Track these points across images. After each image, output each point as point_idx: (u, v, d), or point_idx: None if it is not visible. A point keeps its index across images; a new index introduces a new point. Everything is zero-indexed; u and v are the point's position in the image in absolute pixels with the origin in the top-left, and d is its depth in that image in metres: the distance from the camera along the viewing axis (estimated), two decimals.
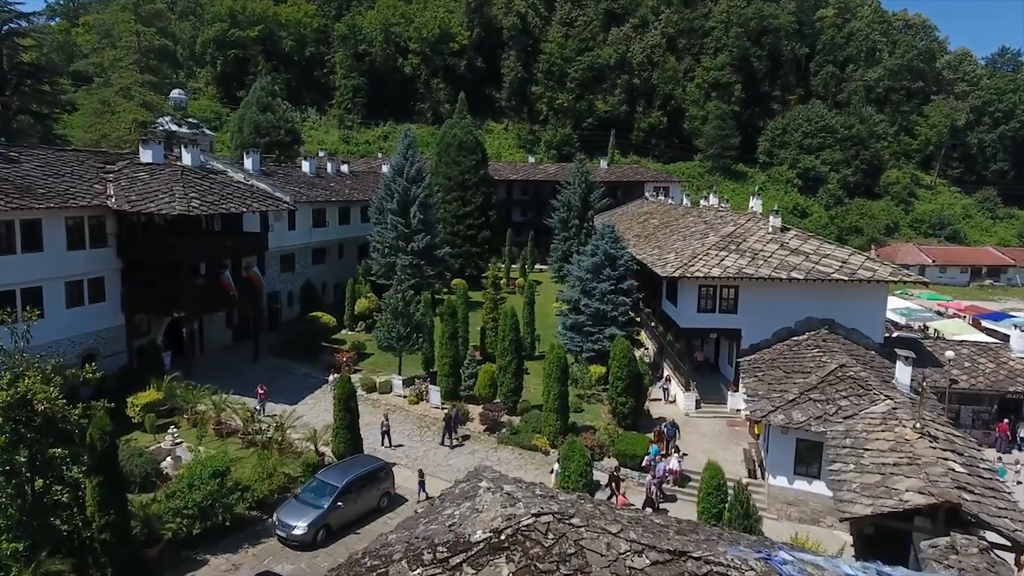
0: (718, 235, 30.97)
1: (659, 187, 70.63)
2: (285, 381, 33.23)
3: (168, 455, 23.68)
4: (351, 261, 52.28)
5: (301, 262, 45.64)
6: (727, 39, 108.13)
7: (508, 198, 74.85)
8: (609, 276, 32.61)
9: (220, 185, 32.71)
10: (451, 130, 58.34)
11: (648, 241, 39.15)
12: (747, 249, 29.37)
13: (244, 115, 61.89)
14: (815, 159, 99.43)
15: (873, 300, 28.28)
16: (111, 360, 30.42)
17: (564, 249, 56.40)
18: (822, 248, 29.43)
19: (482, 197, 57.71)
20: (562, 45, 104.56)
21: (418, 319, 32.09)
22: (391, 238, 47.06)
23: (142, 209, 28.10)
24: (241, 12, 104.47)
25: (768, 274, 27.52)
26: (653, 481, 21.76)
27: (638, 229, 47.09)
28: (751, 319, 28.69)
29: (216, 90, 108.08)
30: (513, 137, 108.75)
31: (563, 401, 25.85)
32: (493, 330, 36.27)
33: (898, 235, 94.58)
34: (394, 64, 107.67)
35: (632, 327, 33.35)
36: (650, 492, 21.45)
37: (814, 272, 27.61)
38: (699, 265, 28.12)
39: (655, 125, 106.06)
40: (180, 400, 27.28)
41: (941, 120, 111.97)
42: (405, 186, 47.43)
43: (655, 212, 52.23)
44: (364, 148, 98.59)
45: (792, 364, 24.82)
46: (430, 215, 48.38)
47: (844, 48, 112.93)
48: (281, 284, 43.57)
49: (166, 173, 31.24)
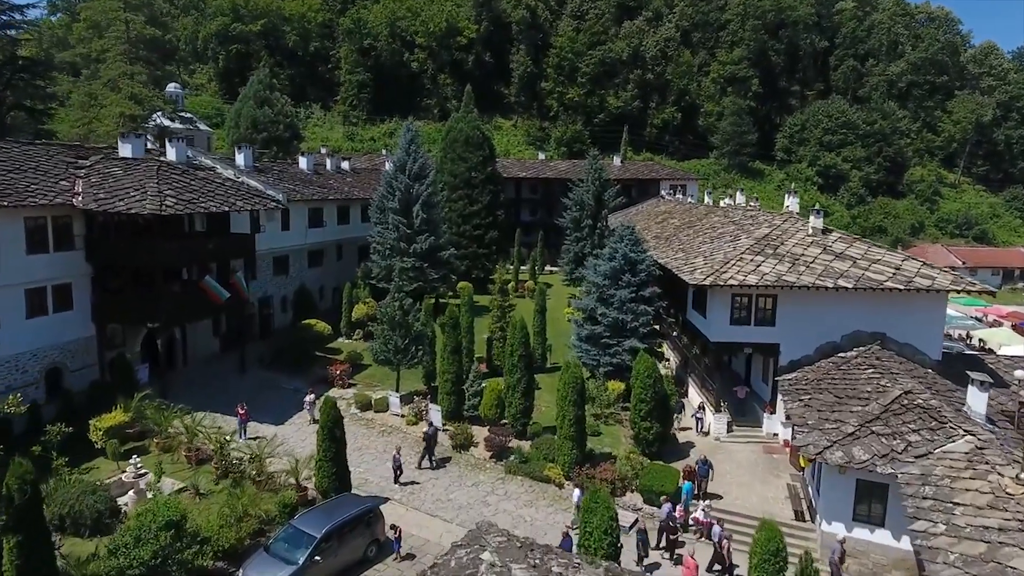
0: (752, 238, 27.75)
1: (675, 185, 67.30)
2: (272, 397, 30.31)
3: (130, 488, 20.78)
4: (350, 263, 49.35)
5: (296, 265, 42.73)
6: (743, 32, 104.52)
7: (517, 197, 71.73)
8: (629, 283, 29.47)
9: (202, 182, 29.80)
10: (457, 125, 55.30)
11: (669, 243, 35.95)
12: (786, 253, 26.14)
13: (241, 110, 59.19)
14: (836, 156, 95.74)
15: (930, 311, 24.99)
16: (80, 375, 27.62)
17: (576, 251, 53.13)
18: (871, 252, 26.15)
19: (489, 195, 54.65)
20: (573, 39, 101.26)
21: (418, 330, 29.07)
22: (392, 239, 44.05)
23: (109, 208, 25.21)
24: (244, 6, 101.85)
25: (812, 282, 24.29)
26: (724, 533, 18.40)
27: (657, 230, 43.88)
28: (791, 332, 25.47)
29: (218, 86, 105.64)
30: (522, 134, 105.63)
31: (579, 427, 22.77)
32: (501, 340, 33.32)
33: (923, 235, 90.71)
34: (400, 59, 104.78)
35: (654, 339, 30.21)
36: (719, 546, 18.09)
37: (864, 280, 24.36)
38: (732, 271, 24.93)
39: (669, 121, 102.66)
40: (150, 422, 24.37)
41: (966, 116, 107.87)
42: (407, 184, 44.39)
43: (674, 212, 48.98)
44: (369, 145, 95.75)
45: (844, 387, 21.58)
46: (434, 214, 45.34)
47: (865, 41, 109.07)
48: (274, 288, 40.68)
49: (141, 168, 28.37)
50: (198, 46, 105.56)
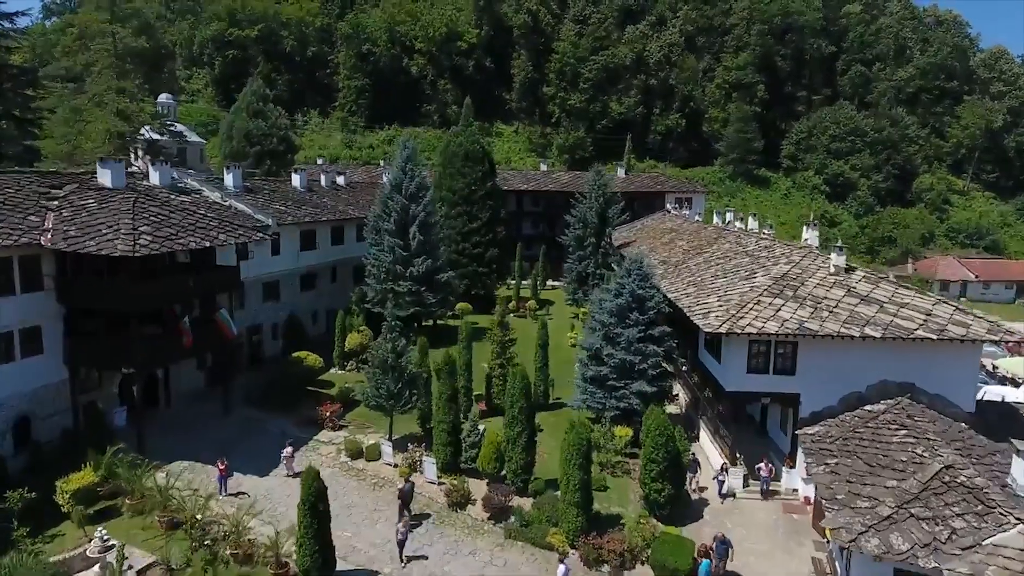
0: (769, 276, 25.93)
1: (680, 198, 65.42)
2: (257, 442, 28.51)
3: (95, 563, 19.04)
4: (345, 285, 47.54)
5: (287, 290, 40.95)
6: (749, 37, 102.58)
7: (518, 209, 69.89)
8: (637, 321, 27.67)
9: (183, 214, 28.00)
10: (456, 139, 53.43)
11: (678, 273, 34.11)
12: (807, 296, 24.31)
13: (234, 122, 57.43)
14: (844, 164, 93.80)
15: (963, 360, 23.17)
16: (52, 422, 25.88)
17: (579, 270, 51.43)
18: (898, 295, 24.31)
19: (489, 212, 52.76)
20: (575, 44, 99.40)
21: (412, 372, 27.26)
22: (388, 262, 42.28)
23: (79, 248, 23.44)
24: (241, 11, 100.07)
25: (837, 330, 22.47)
26: None
27: (664, 252, 42.03)
28: (813, 382, 23.65)
29: (214, 92, 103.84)
30: (524, 141, 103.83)
31: (585, 493, 20.97)
32: (500, 378, 31.51)
33: (933, 245, 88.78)
34: (399, 65, 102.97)
35: (664, 380, 28.41)
36: None
37: (892, 328, 22.54)
38: (750, 317, 23.11)
39: (673, 128, 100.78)
40: (122, 481, 22.59)
41: (975, 121, 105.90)
42: (404, 204, 42.63)
43: (681, 231, 47.14)
44: (367, 154, 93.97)
45: (875, 452, 19.75)
46: (431, 236, 43.56)
47: (873, 46, 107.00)
48: (264, 315, 38.91)
49: (117, 201, 26.59)
50: (194, 51, 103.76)
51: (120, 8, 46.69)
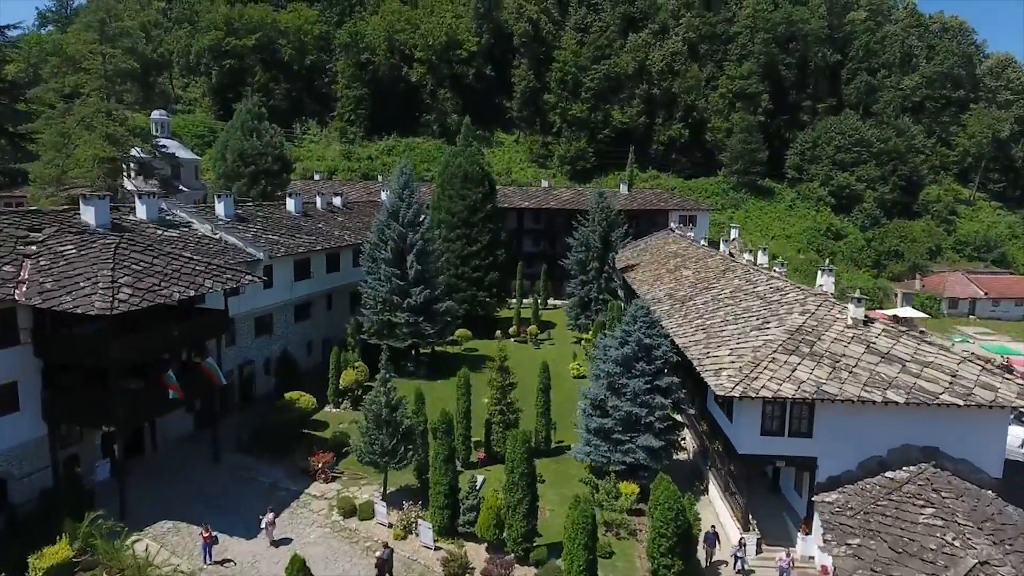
0: (783, 328, 24.61)
1: (685, 216, 64.12)
2: (246, 496, 27.24)
3: None
4: (341, 312, 46.33)
5: (280, 322, 39.68)
6: (753, 45, 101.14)
7: (519, 227, 68.63)
8: (644, 371, 26.39)
9: (167, 258, 26.71)
10: (455, 159, 52.16)
11: (686, 311, 32.78)
12: (824, 353, 23.00)
13: (228, 141, 56.13)
14: (849, 176, 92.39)
15: (990, 424, 21.86)
16: (30, 481, 24.61)
17: (582, 295, 50.15)
18: (921, 352, 22.99)
19: (490, 235, 51.52)
20: (576, 53, 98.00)
21: (407, 427, 25.98)
22: (384, 292, 41.06)
23: (55, 304, 22.16)
24: (238, 20, 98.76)
25: (857, 395, 21.18)
26: None
27: (669, 282, 40.72)
28: (831, 445, 22.37)
29: (211, 102, 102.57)
30: (525, 151, 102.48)
31: (590, 572, 19.65)
32: (501, 425, 30.26)
33: (940, 259, 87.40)
34: (399, 73, 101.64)
35: (672, 434, 27.11)
36: None
37: (916, 391, 21.24)
38: (764, 378, 21.81)
39: (676, 138, 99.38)
40: (101, 554, 21.31)
41: (982, 131, 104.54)
42: (400, 231, 41.41)
43: (686, 257, 45.82)
44: (366, 165, 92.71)
45: (900, 533, 18.46)
46: (429, 264, 42.32)
47: (879, 55, 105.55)
48: (256, 350, 37.62)
49: (97, 248, 25.29)
50: (191, 60, 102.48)
51: (110, 28, 45.25)
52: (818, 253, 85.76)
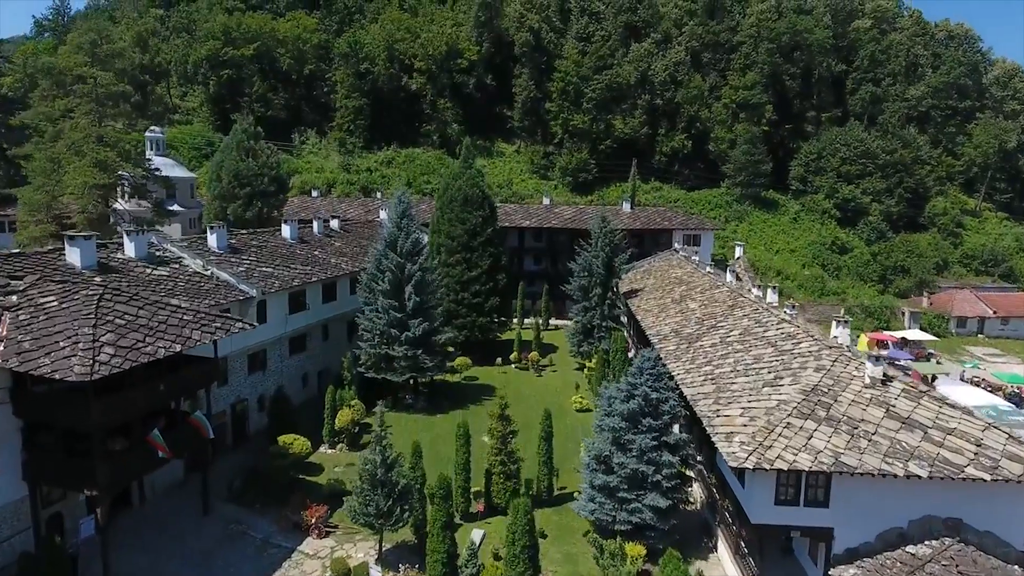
0: (798, 386, 23.47)
1: (689, 235, 62.95)
2: (235, 555, 26.19)
3: None
4: (338, 341, 45.30)
5: (274, 357, 38.61)
6: (757, 55, 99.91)
7: (520, 245, 67.53)
8: (650, 427, 25.28)
9: (153, 308, 25.59)
10: (455, 182, 51.01)
11: (692, 354, 31.63)
12: (841, 417, 21.87)
13: (223, 161, 55.02)
14: (855, 188, 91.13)
15: (1017, 495, 20.74)
16: (9, 546, 23.54)
17: (584, 322, 49.00)
18: (943, 417, 21.85)
19: (490, 259, 50.38)
20: (578, 63, 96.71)
21: (404, 486, 24.87)
22: (382, 324, 39.98)
23: (32, 368, 21.06)
24: (236, 29, 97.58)
25: (877, 467, 20.06)
26: None
27: (675, 315, 39.58)
28: (849, 515, 21.27)
29: (209, 112, 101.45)
30: (526, 161, 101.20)
31: None
32: (502, 476, 29.17)
33: (947, 273, 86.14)
34: (398, 83, 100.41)
35: (680, 492, 26.00)
36: None
37: (940, 463, 20.11)
38: (779, 446, 20.69)
39: (679, 149, 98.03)
40: None
41: (988, 141, 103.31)
42: (399, 262, 40.32)
43: (692, 286, 44.71)
44: (365, 178, 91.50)
45: None
46: (428, 296, 41.21)
47: (884, 65, 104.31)
48: (249, 388, 36.56)
49: (80, 299, 24.17)
50: (188, 70, 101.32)
51: (101, 49, 44.13)
52: (823, 268, 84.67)
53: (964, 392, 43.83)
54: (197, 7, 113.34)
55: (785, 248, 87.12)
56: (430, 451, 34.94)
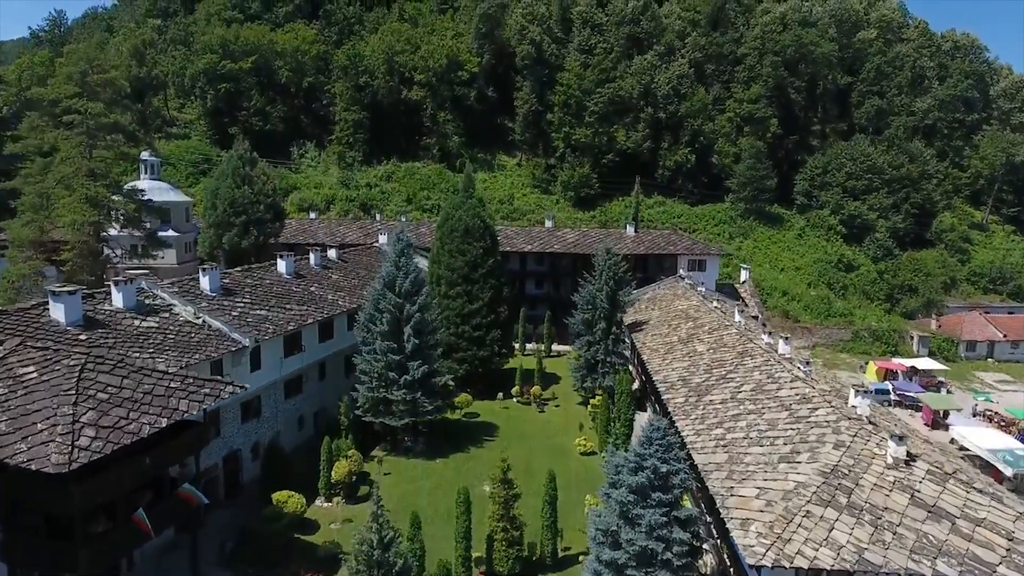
0: (816, 466, 22.25)
1: (694, 260, 61.74)
2: None
3: None
4: (335, 379, 44.20)
5: (269, 403, 37.43)
6: (761, 68, 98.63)
7: (522, 268, 66.37)
8: (660, 502, 24.02)
9: (139, 377, 24.38)
10: (456, 211, 49.81)
11: (702, 410, 30.41)
12: (863, 504, 20.67)
13: (218, 188, 53.87)
14: (861, 204, 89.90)
15: None
16: None
17: (588, 357, 47.78)
18: (971, 504, 20.62)
19: (492, 291, 49.24)
20: (580, 76, 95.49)
21: (401, 567, 23.67)
22: (380, 367, 38.80)
23: (7, 456, 19.88)
24: (234, 41, 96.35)
25: (904, 566, 18.83)
26: None
27: (682, 360, 38.37)
28: None
29: (207, 125, 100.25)
30: (527, 175, 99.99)
31: None
32: (504, 543, 27.99)
33: (955, 292, 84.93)
34: (398, 96, 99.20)
35: (692, 571, 24.77)
36: None
37: (969, 561, 18.90)
38: (799, 540, 19.49)
39: (682, 163, 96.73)
40: None
41: (995, 154, 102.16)
42: (397, 303, 39.14)
43: (699, 323, 43.53)
44: (364, 193, 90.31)
45: None
46: (427, 337, 40.03)
47: (891, 78, 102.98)
48: (242, 437, 35.39)
49: (61, 370, 22.99)
50: (186, 83, 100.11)
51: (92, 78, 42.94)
52: (829, 287, 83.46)
53: (979, 434, 42.63)
54: (195, 19, 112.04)
55: (790, 266, 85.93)
56: (429, 502, 33.97)
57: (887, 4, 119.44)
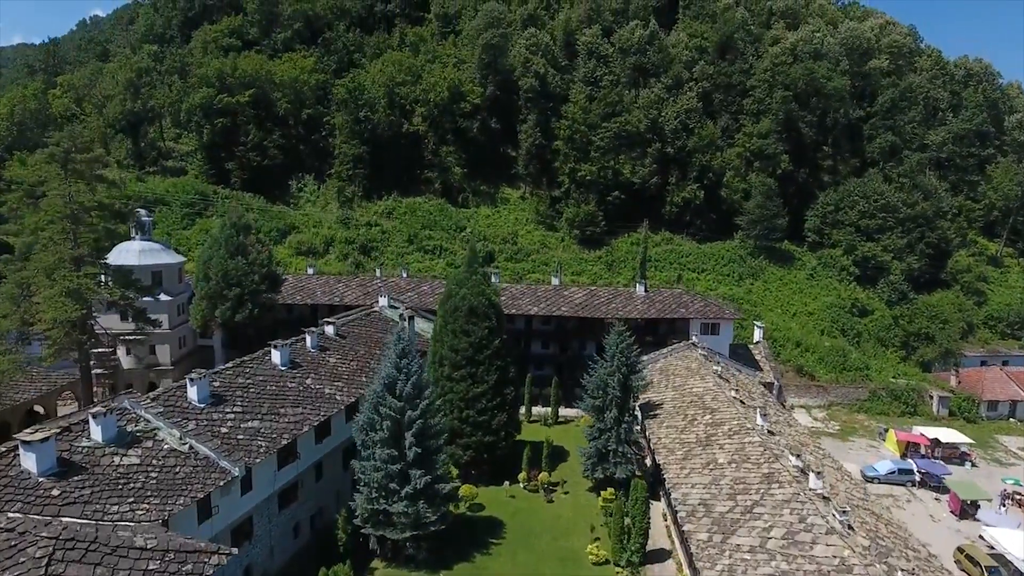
0: None
1: (707, 324, 59.40)
2: None
3: None
4: (333, 477, 41.99)
5: (262, 520, 35.16)
6: (771, 101, 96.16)
7: (527, 327, 64.04)
8: None
9: (114, 558, 22.12)
10: (459, 290, 47.41)
11: (728, 558, 28.09)
12: None
13: (211, 259, 51.51)
14: (875, 245, 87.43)
15: None
16: None
17: (599, 446, 45.42)
18: None
19: (497, 372, 46.84)
20: (586, 109, 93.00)
21: None
22: (379, 477, 36.51)
23: None
24: (231, 73, 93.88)
25: None
26: None
27: (701, 471, 36.05)
28: None
29: (203, 159, 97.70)
30: (531, 210, 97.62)
31: None
32: None
33: (972, 339, 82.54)
34: (399, 129, 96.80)
35: None
36: None
37: None
38: None
39: (690, 199, 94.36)
40: None
41: (1010, 187, 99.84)
42: (399, 407, 36.81)
43: (718, 417, 41.26)
44: (364, 233, 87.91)
45: None
46: (431, 442, 37.72)
47: (904, 112, 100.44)
48: (232, 565, 32.97)
49: (27, 564, 20.69)
50: (182, 117, 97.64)
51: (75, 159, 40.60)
52: (843, 332, 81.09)
53: (1011, 537, 40.33)
54: (191, 49, 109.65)
55: (803, 310, 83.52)
56: None
57: (898, 29, 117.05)
